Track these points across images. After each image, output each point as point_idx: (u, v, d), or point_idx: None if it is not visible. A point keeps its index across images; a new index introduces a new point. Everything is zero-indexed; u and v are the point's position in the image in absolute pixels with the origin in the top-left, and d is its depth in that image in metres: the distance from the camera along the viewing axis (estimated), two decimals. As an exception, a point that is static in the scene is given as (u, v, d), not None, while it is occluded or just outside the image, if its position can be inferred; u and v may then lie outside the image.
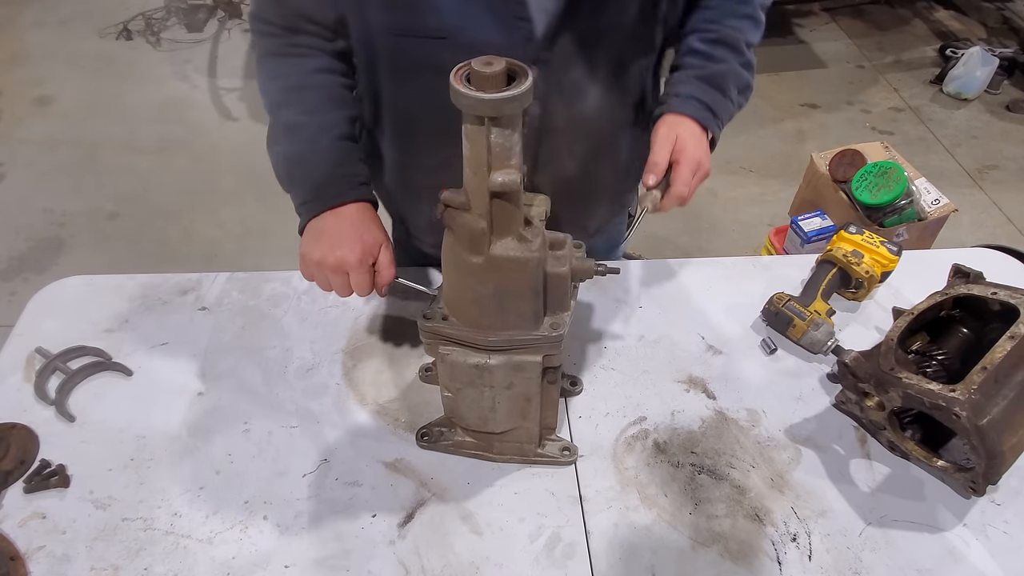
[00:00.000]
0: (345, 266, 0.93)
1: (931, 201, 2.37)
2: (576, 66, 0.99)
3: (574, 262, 0.84)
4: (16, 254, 2.73)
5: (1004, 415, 0.89)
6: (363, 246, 0.93)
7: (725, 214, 2.94)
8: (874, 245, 1.22)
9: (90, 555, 0.90)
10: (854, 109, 3.66)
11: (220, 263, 2.62)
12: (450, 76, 0.67)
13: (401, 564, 0.90)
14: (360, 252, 0.93)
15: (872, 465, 1.02)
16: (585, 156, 1.12)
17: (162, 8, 4.15)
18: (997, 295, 1.01)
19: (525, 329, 0.83)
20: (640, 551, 0.92)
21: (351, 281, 0.94)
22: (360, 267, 0.93)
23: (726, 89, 1.06)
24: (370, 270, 0.95)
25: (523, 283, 0.79)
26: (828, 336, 1.14)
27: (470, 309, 0.82)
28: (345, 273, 0.94)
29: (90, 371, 1.10)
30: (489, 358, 0.84)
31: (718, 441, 1.05)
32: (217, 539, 0.92)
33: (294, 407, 1.08)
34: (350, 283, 0.94)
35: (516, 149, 0.70)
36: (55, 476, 0.97)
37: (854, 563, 0.91)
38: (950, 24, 4.39)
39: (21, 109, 3.50)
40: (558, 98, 1.01)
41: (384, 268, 0.96)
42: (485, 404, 0.90)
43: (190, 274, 1.27)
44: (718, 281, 1.30)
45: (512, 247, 0.77)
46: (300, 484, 0.98)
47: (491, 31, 0.92)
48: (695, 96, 1.04)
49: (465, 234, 0.76)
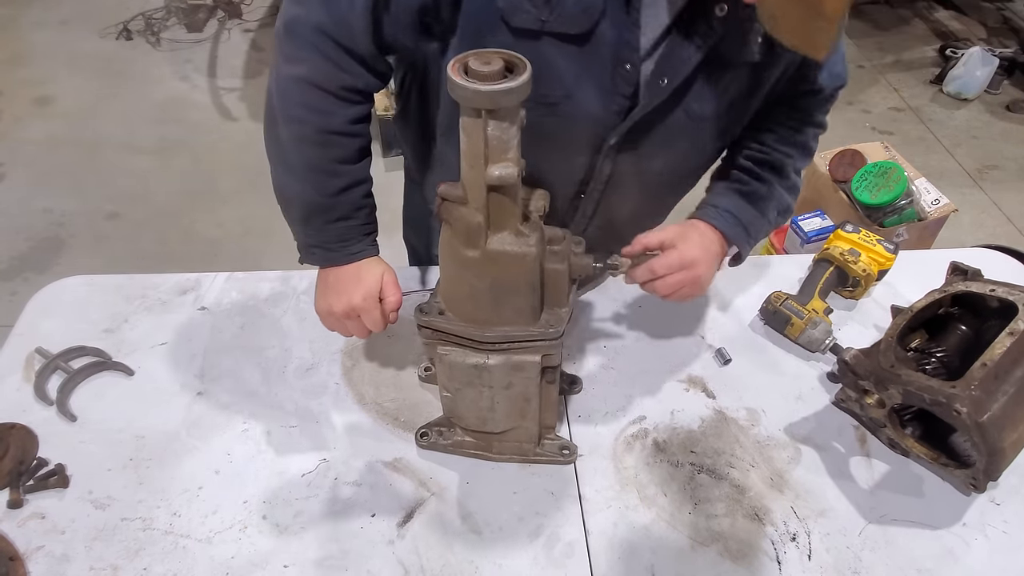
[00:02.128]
0: (354, 309, 0.96)
1: (931, 201, 2.37)
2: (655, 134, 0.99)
3: (572, 259, 0.83)
4: (16, 254, 2.73)
5: (1004, 411, 0.89)
6: (364, 285, 0.96)
7: (725, 214, 2.93)
8: (871, 243, 1.22)
9: (89, 555, 0.90)
10: (854, 109, 3.66)
11: (220, 263, 2.61)
12: (447, 68, 0.67)
13: (400, 564, 0.90)
14: (363, 291, 0.96)
15: (871, 463, 1.02)
16: (643, 208, 1.15)
17: (162, 8, 4.15)
18: (995, 292, 1.01)
19: (522, 325, 0.83)
20: (639, 551, 0.92)
21: (365, 321, 0.97)
22: (366, 304, 0.96)
23: (766, 210, 1.07)
24: (377, 304, 0.97)
25: (520, 278, 0.79)
26: (826, 334, 1.14)
27: (466, 304, 0.82)
28: (356, 316, 0.96)
29: (90, 371, 1.10)
30: (488, 358, 0.84)
31: (718, 440, 1.05)
32: (216, 539, 0.92)
33: (293, 407, 1.07)
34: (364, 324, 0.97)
35: (513, 143, 0.70)
36: (54, 476, 0.96)
37: (854, 562, 0.91)
38: (950, 24, 4.38)
39: (21, 109, 3.50)
40: (630, 161, 1.01)
41: (389, 295, 0.98)
42: (484, 404, 0.90)
43: (189, 274, 1.27)
44: (717, 280, 1.29)
45: (509, 242, 0.77)
46: (299, 484, 0.98)
47: (594, 103, 0.93)
48: (731, 211, 1.04)
49: (462, 228, 0.76)
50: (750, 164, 1.07)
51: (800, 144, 1.09)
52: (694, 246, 1.00)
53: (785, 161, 1.07)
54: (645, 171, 1.05)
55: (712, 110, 0.97)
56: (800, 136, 1.08)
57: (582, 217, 1.13)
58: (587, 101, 0.93)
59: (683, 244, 0.99)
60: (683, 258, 0.98)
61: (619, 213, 1.14)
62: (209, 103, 3.58)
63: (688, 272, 0.99)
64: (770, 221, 1.08)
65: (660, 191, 1.15)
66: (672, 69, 0.90)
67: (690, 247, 0.99)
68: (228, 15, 4.19)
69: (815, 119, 1.10)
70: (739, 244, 1.06)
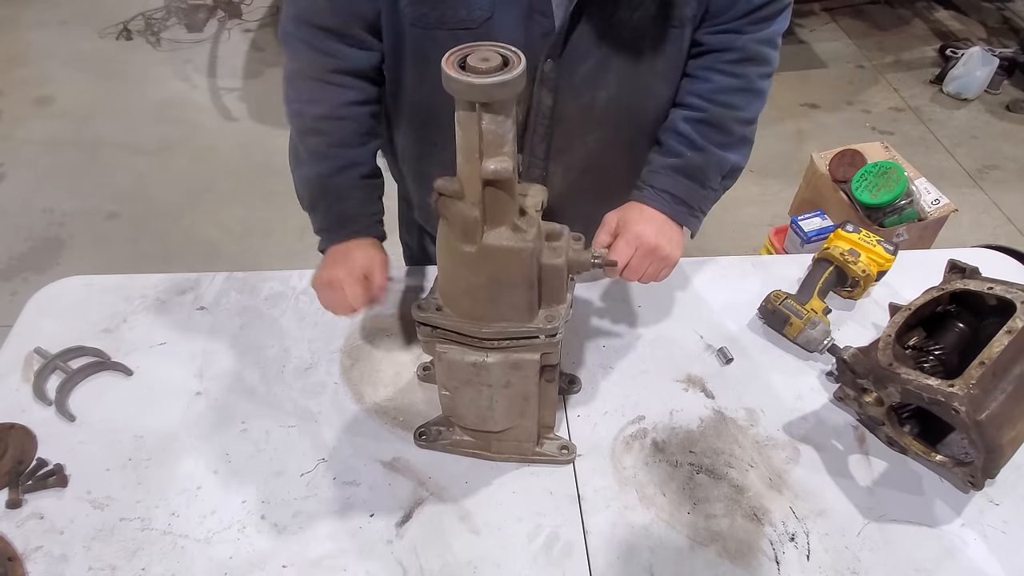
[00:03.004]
0: (336, 281, 0.98)
1: (931, 201, 2.37)
2: (588, 61, 0.99)
3: (571, 254, 0.82)
4: (16, 254, 2.73)
5: (1002, 409, 0.89)
6: (351, 261, 0.99)
7: (725, 214, 2.93)
8: (870, 244, 1.22)
9: (88, 555, 0.90)
10: (854, 109, 3.66)
11: (220, 263, 2.61)
12: (442, 61, 0.67)
13: (399, 564, 0.90)
14: (348, 266, 0.99)
15: (870, 462, 1.02)
16: (598, 149, 1.11)
17: (162, 8, 4.15)
18: (993, 290, 1.01)
19: (519, 321, 0.82)
20: (638, 551, 0.92)
21: (347, 294, 0.98)
22: (348, 278, 0.98)
23: (706, 180, 1.04)
24: (358, 280, 0.98)
25: (516, 273, 0.78)
26: (824, 334, 1.14)
27: (463, 299, 0.82)
28: (340, 288, 0.98)
29: (89, 371, 1.10)
30: (487, 356, 0.83)
31: (717, 440, 1.05)
32: (215, 539, 0.92)
33: (292, 406, 1.07)
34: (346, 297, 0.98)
35: (509, 136, 0.69)
36: (53, 476, 0.97)
37: (852, 562, 0.91)
38: (950, 24, 4.38)
39: (21, 109, 3.50)
40: (570, 90, 1.01)
41: (375, 275, 1.00)
42: (483, 403, 0.90)
43: (188, 274, 1.27)
44: (716, 280, 1.30)
45: (506, 236, 0.76)
46: (298, 484, 0.98)
47: (513, 25, 0.94)
48: (669, 191, 1.03)
49: (458, 223, 0.76)
50: (688, 128, 1.03)
51: (742, 90, 1.03)
52: (637, 223, 1.00)
53: (726, 115, 1.03)
54: (590, 107, 1.04)
55: (631, 32, 0.96)
56: (739, 80, 1.02)
57: (536, 159, 1.10)
58: (508, 23, 0.94)
59: (626, 227, 1.00)
60: (631, 238, 0.99)
61: (577, 157, 1.10)
62: (209, 103, 3.58)
63: (644, 248, 0.99)
64: (715, 188, 1.06)
65: (615, 133, 1.10)
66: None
67: (634, 225, 1.00)
68: (228, 15, 4.19)
69: (755, 53, 1.02)
70: (683, 221, 1.04)
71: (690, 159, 1.03)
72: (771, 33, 1.02)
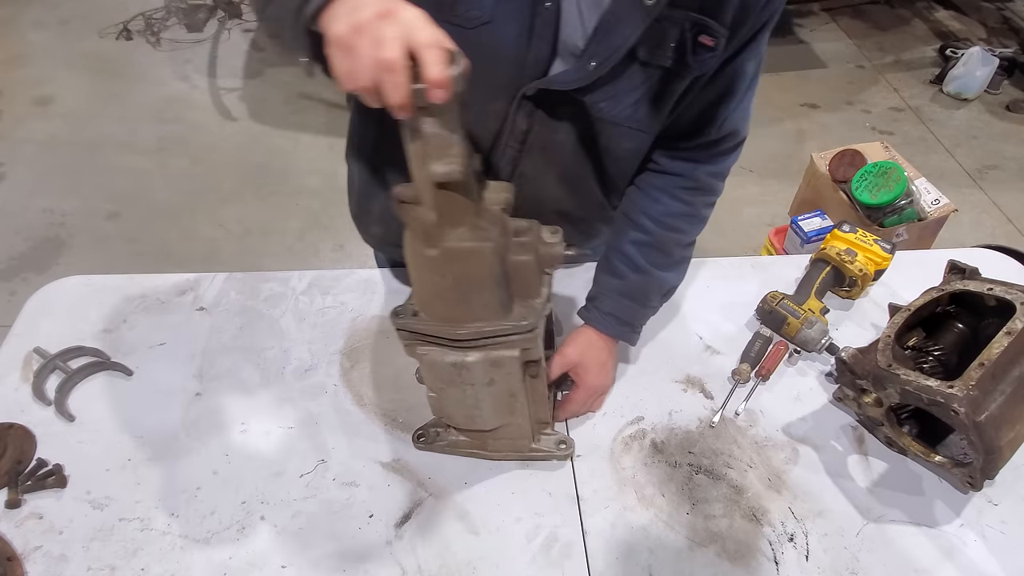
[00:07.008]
0: (364, 26, 0.63)
1: (931, 201, 2.37)
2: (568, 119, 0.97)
3: (540, 248, 0.81)
4: (16, 254, 2.73)
5: (1001, 410, 0.89)
6: None
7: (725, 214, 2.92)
8: (868, 243, 1.22)
9: (87, 555, 0.90)
10: (854, 109, 3.66)
11: (220, 263, 2.62)
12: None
13: (398, 564, 0.90)
14: (378, 6, 0.63)
15: (869, 462, 1.02)
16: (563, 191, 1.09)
17: (162, 8, 4.15)
18: (993, 291, 1.01)
19: (494, 319, 0.81)
20: (637, 551, 0.92)
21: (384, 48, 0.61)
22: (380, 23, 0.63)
23: (648, 301, 1.10)
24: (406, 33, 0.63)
25: (481, 272, 0.77)
26: (822, 334, 1.14)
27: (436, 303, 0.81)
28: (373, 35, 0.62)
29: (89, 371, 1.10)
30: (466, 356, 0.83)
31: (715, 441, 1.05)
32: (214, 539, 0.92)
33: (292, 407, 1.08)
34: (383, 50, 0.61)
35: (455, 138, 0.68)
36: (52, 476, 0.97)
37: (851, 563, 0.91)
38: (950, 24, 4.38)
39: (21, 109, 3.50)
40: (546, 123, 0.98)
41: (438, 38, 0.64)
42: (468, 402, 0.89)
43: (188, 274, 1.27)
44: (715, 281, 1.30)
45: (465, 237, 0.75)
46: (297, 484, 0.98)
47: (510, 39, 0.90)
48: (614, 313, 1.07)
49: (418, 227, 0.75)
50: (633, 251, 1.07)
51: (688, 215, 1.08)
52: (591, 371, 1.05)
53: (669, 239, 1.08)
54: (556, 148, 1.02)
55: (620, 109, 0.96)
56: (688, 207, 1.08)
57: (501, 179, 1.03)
58: (506, 33, 0.90)
59: (584, 376, 1.05)
60: (590, 390, 1.06)
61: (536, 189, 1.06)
62: (209, 103, 3.58)
63: (595, 395, 1.08)
64: (654, 307, 1.12)
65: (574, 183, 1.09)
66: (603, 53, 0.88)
67: (590, 377, 1.05)
68: (228, 15, 4.19)
69: (706, 184, 1.07)
70: (626, 339, 1.10)
71: (634, 282, 1.08)
72: (724, 168, 1.08)
